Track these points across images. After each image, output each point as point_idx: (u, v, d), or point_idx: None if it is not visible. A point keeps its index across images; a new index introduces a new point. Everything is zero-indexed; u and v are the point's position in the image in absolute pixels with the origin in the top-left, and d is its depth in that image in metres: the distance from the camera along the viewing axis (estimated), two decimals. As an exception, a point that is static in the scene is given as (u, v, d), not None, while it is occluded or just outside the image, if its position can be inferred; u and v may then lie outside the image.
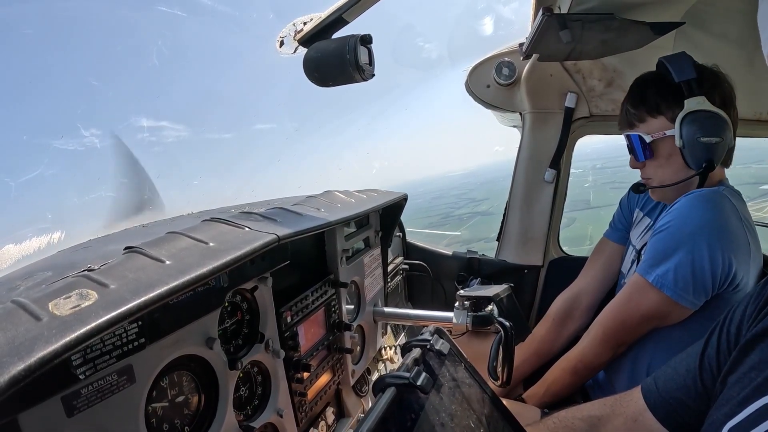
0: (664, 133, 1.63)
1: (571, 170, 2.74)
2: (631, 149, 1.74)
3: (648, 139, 1.66)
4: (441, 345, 1.13)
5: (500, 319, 1.65)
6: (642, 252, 1.80)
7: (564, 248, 2.81)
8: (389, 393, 0.93)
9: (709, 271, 1.48)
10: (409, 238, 2.89)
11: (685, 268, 1.50)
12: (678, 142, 1.59)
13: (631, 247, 1.97)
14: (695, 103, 1.57)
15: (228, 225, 1.11)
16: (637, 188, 1.82)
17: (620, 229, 2.10)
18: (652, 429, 1.04)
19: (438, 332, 1.14)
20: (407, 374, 0.96)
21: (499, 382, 1.59)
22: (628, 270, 1.93)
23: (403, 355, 1.10)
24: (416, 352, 1.07)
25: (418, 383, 0.95)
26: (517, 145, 2.69)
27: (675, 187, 1.67)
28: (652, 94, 1.66)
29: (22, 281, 0.94)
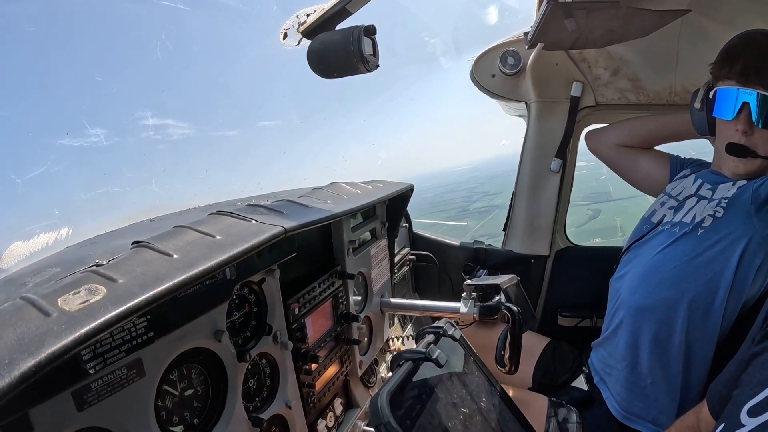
0: None
1: (585, 163, 2.72)
2: (756, 111, 1.60)
3: None
4: (453, 332, 1.16)
5: (508, 304, 1.64)
6: (678, 196, 1.86)
7: (595, 240, 2.80)
8: (406, 366, 0.96)
9: None
10: (419, 230, 2.89)
11: None
12: None
13: (665, 196, 1.95)
14: None
15: (235, 218, 1.12)
16: (744, 152, 1.66)
17: (675, 164, 2.11)
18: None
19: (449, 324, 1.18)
20: (423, 350, 0.99)
21: (506, 370, 1.60)
22: (653, 213, 1.93)
23: (416, 343, 1.12)
24: (430, 338, 1.10)
25: (434, 357, 0.98)
26: (523, 137, 2.67)
27: (764, 166, 1.66)
28: None
29: (31, 278, 0.95)
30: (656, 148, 2.20)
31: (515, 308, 1.61)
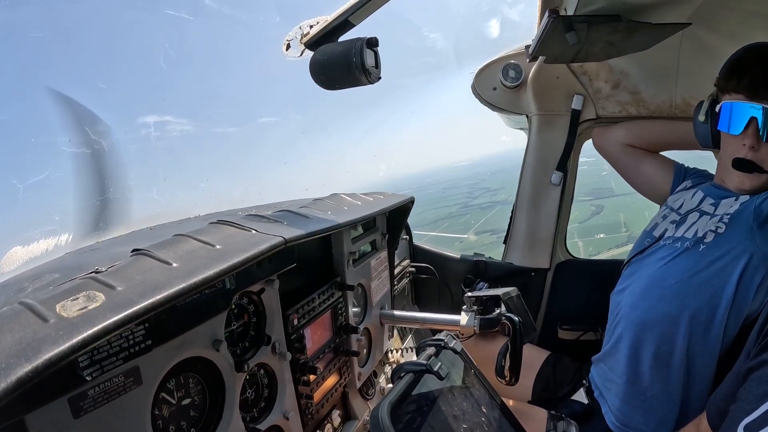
0: None
1: (586, 158, 2.72)
2: (763, 126, 1.59)
3: None
4: (454, 344, 1.16)
5: (508, 314, 1.64)
6: (680, 210, 1.86)
7: (599, 235, 2.80)
8: (407, 378, 0.96)
9: None
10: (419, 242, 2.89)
11: None
12: None
13: (667, 209, 1.95)
14: None
15: (235, 227, 1.12)
16: (751, 167, 1.64)
17: (679, 173, 2.11)
18: None
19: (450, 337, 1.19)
20: (424, 362, 1.00)
21: (506, 381, 1.59)
22: (655, 227, 1.93)
23: (417, 355, 1.13)
24: (431, 350, 1.11)
25: (435, 369, 0.98)
26: (524, 138, 2.68)
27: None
28: None
29: (30, 283, 0.95)
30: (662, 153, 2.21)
31: (516, 318, 1.60)
